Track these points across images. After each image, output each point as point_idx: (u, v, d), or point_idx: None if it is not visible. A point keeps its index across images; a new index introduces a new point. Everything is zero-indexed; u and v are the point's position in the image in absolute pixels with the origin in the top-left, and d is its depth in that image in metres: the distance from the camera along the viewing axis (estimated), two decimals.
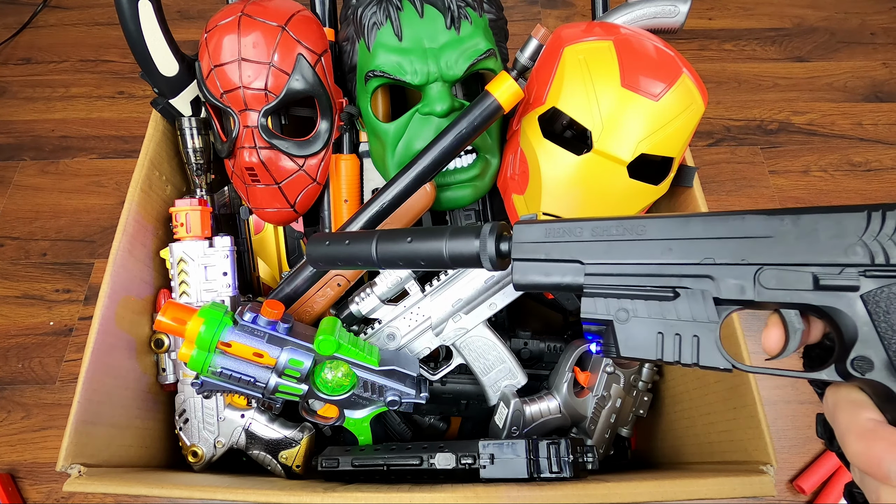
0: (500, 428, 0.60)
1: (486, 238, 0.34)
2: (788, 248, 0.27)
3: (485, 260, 0.34)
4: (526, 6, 1.38)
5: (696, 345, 0.28)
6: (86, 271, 1.04)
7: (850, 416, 0.25)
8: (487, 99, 0.55)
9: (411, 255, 0.37)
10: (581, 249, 0.31)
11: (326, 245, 0.41)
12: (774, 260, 0.27)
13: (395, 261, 0.38)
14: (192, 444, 0.62)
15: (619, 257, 0.30)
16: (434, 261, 0.36)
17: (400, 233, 0.37)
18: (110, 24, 1.36)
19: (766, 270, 0.27)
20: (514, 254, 0.33)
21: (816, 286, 0.26)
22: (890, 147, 1.15)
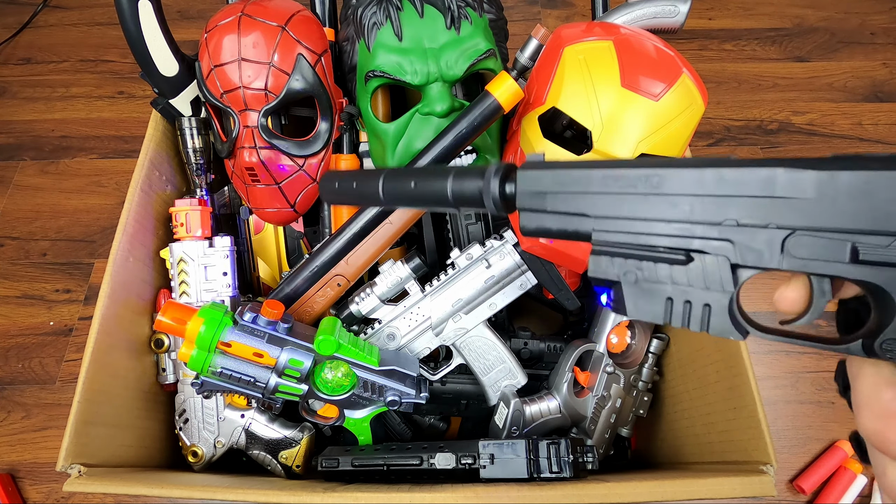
0: (500, 428, 0.60)
1: (490, 179, 0.31)
2: (827, 210, 0.23)
3: (488, 201, 0.31)
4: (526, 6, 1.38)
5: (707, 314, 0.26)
6: (86, 271, 1.04)
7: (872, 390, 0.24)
8: (487, 99, 0.55)
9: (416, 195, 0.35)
10: (589, 202, 0.28)
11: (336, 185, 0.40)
12: (808, 223, 0.23)
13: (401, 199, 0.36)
14: (192, 444, 0.62)
15: (630, 212, 0.27)
16: (439, 201, 0.34)
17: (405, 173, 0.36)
18: (110, 24, 1.36)
19: (797, 236, 0.23)
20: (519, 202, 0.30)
21: (854, 259, 0.23)
22: (890, 147, 1.15)
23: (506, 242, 0.61)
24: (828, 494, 0.78)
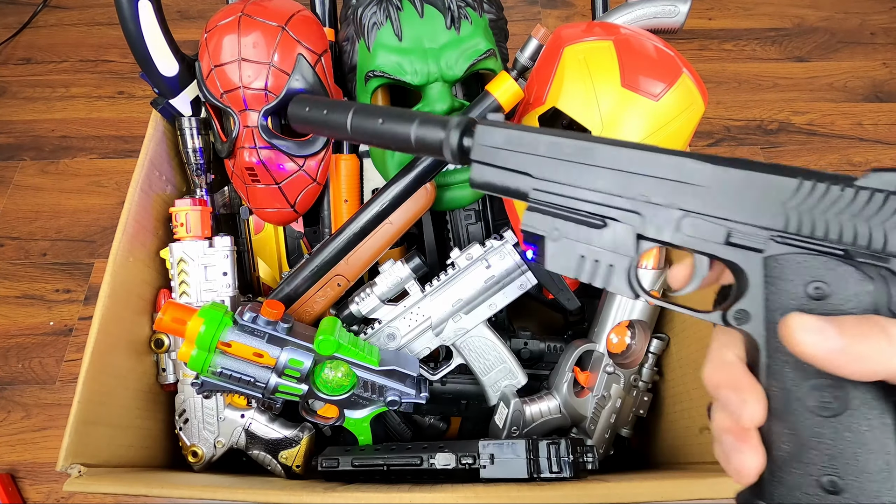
0: (500, 428, 0.60)
1: (451, 130, 0.35)
2: (715, 199, 0.28)
3: (446, 151, 0.35)
4: (526, 6, 1.38)
5: (610, 273, 0.30)
6: (86, 271, 1.04)
7: (718, 349, 0.29)
8: (487, 99, 0.55)
9: (380, 134, 0.38)
10: (533, 163, 0.32)
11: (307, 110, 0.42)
12: (699, 209, 0.28)
13: (366, 135, 0.39)
14: (192, 444, 0.62)
15: (564, 178, 0.31)
16: (401, 143, 0.37)
17: (375, 110, 0.39)
18: (110, 24, 1.36)
19: (689, 217, 0.28)
20: (473, 154, 0.34)
21: (727, 241, 0.27)
22: (890, 147, 1.15)
23: (506, 242, 0.61)
24: None
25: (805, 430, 0.25)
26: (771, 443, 0.26)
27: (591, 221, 0.31)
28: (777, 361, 0.26)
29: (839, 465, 0.24)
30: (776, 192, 0.26)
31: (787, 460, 0.25)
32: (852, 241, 0.25)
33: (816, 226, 0.26)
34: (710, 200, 0.28)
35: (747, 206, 0.27)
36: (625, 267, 0.30)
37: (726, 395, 0.27)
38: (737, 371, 0.27)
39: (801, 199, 0.26)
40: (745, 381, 0.27)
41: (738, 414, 0.26)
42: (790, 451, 0.25)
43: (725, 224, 0.27)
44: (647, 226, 0.29)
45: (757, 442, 0.26)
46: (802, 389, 0.25)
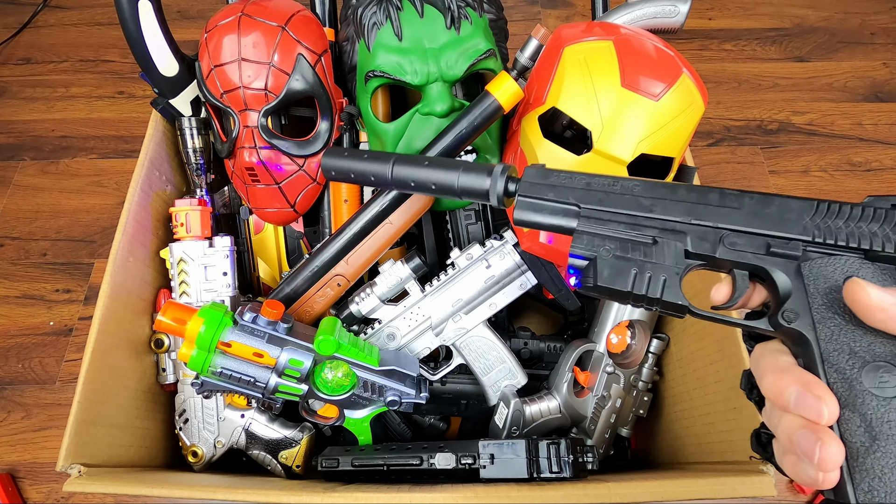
0: (500, 428, 0.60)
1: (497, 177, 0.39)
2: (751, 219, 0.33)
3: (493, 196, 0.39)
4: (526, 6, 1.38)
5: (662, 285, 0.33)
6: (86, 271, 1.04)
7: (772, 359, 0.30)
8: (487, 99, 0.55)
9: (425, 180, 0.41)
10: (579, 195, 0.36)
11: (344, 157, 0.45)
12: (739, 226, 0.33)
13: (408, 182, 0.42)
14: (192, 444, 0.62)
15: (612, 206, 0.35)
16: (445, 189, 0.41)
17: (419, 158, 0.42)
18: (110, 24, 1.36)
19: (731, 234, 0.33)
20: (521, 191, 0.37)
21: (767, 251, 0.32)
22: (890, 147, 1.15)
23: (506, 242, 0.61)
24: None
25: (872, 413, 0.27)
26: (845, 436, 0.27)
27: (641, 240, 0.34)
28: (831, 351, 0.29)
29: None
30: (800, 212, 0.32)
31: (864, 452, 0.26)
32: (868, 246, 0.30)
33: (837, 235, 0.31)
34: (747, 220, 0.33)
35: (779, 223, 0.32)
36: (676, 281, 0.33)
37: (797, 397, 0.27)
38: (799, 372, 0.28)
39: (820, 216, 0.31)
40: (811, 379, 0.28)
41: (817, 411, 0.26)
42: (864, 441, 0.27)
43: (765, 238, 0.32)
44: (693, 242, 0.33)
45: (833, 433, 0.27)
46: (861, 373, 0.27)
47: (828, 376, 0.28)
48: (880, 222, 0.30)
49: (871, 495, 0.26)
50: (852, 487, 0.26)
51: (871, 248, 0.30)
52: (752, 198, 0.33)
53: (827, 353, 0.29)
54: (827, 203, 0.31)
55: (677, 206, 0.34)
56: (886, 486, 0.26)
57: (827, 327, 0.29)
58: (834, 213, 0.31)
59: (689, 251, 0.33)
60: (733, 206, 0.33)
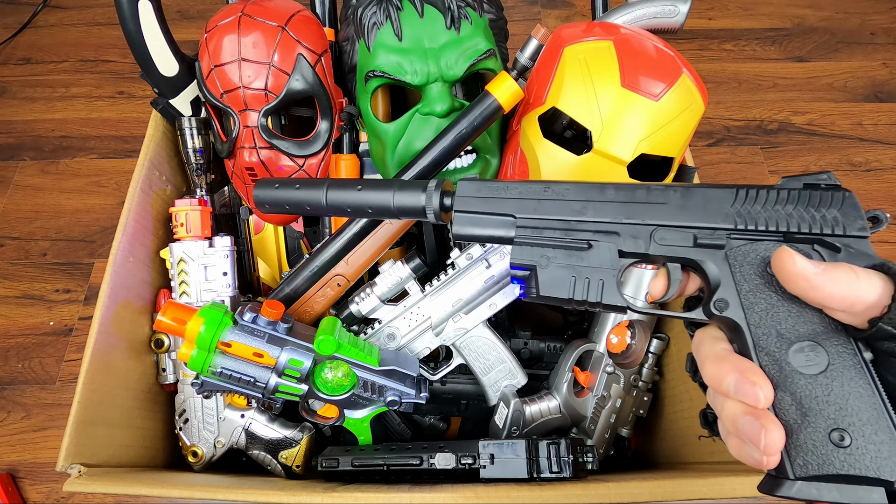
0: (500, 428, 0.60)
1: (431, 192, 0.38)
2: (677, 213, 0.34)
3: (429, 212, 0.38)
4: (526, 6, 1.38)
5: (601, 287, 0.34)
6: (86, 271, 1.04)
7: (710, 346, 0.32)
8: (487, 99, 0.55)
9: (360, 204, 0.41)
10: (514, 206, 0.36)
11: (275, 188, 0.43)
12: (666, 221, 0.34)
13: (344, 208, 0.41)
14: (192, 444, 0.62)
15: (546, 213, 0.35)
16: (382, 210, 0.40)
17: (351, 181, 0.41)
18: (110, 24, 1.36)
19: (659, 230, 0.34)
20: (455, 206, 0.37)
21: (695, 244, 0.33)
22: (890, 147, 1.15)
23: None
24: None
25: (801, 392, 0.28)
26: (779, 415, 0.29)
27: (576, 245, 0.35)
28: (761, 336, 0.30)
29: (839, 417, 0.28)
30: (722, 201, 0.33)
31: (797, 427, 0.28)
32: (787, 228, 0.31)
33: (758, 221, 0.32)
34: (674, 214, 0.34)
35: (704, 214, 0.33)
36: (613, 282, 0.34)
37: (735, 384, 0.29)
38: (735, 358, 0.30)
39: (740, 203, 0.33)
40: (745, 365, 0.29)
41: (754, 396, 0.28)
42: (796, 417, 0.28)
43: (691, 230, 0.33)
44: (625, 242, 0.34)
45: (772, 415, 0.28)
46: (788, 354, 0.29)
47: (760, 360, 0.30)
48: (794, 203, 0.32)
49: (806, 469, 0.27)
50: (790, 464, 0.28)
51: (787, 230, 0.31)
52: (676, 191, 0.34)
53: (757, 338, 0.30)
54: (745, 189, 0.33)
55: (607, 206, 0.35)
56: (818, 459, 0.27)
57: (755, 312, 0.31)
58: (752, 198, 0.32)
59: (622, 251, 0.34)
60: (660, 201, 0.34)
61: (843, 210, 0.31)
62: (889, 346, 0.27)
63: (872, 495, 0.27)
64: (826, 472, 0.27)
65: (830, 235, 0.31)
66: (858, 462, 0.27)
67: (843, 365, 0.28)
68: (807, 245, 0.31)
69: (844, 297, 0.27)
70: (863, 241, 0.30)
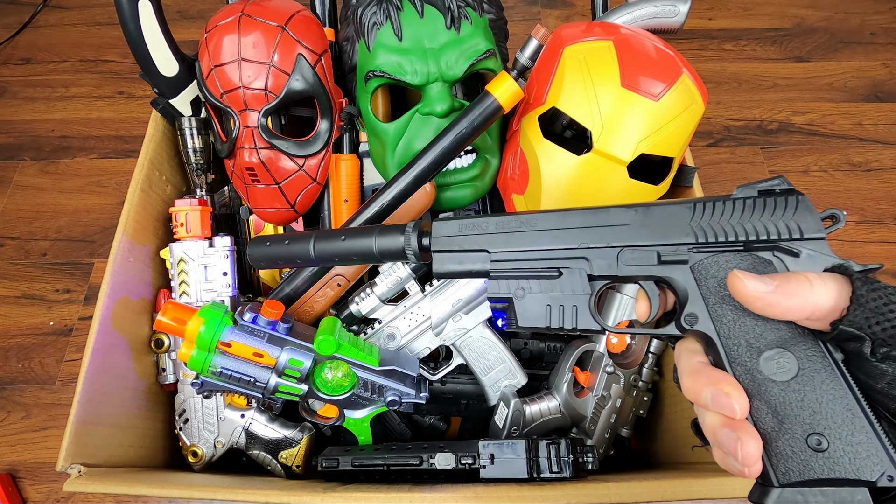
0: (500, 428, 0.60)
1: (409, 234, 0.40)
2: (640, 232, 0.34)
3: (409, 253, 0.40)
4: (526, 6, 1.38)
5: (575, 313, 0.35)
6: (86, 271, 1.04)
7: (686, 360, 0.32)
8: (487, 99, 0.55)
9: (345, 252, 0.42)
10: (487, 241, 0.37)
11: (267, 245, 0.45)
12: (630, 242, 0.34)
13: (332, 258, 0.43)
14: (192, 444, 0.62)
15: (517, 245, 0.36)
16: (366, 256, 0.42)
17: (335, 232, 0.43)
18: (110, 24, 1.36)
19: (625, 251, 0.34)
20: (433, 246, 0.39)
21: (659, 261, 0.34)
22: (890, 147, 1.15)
23: None
24: None
25: (776, 400, 0.29)
26: (757, 424, 0.29)
27: (548, 274, 0.36)
28: (732, 347, 0.31)
29: (814, 422, 0.28)
30: (682, 217, 0.33)
31: (775, 435, 0.28)
32: (745, 238, 0.32)
33: (717, 233, 0.32)
34: (636, 234, 0.34)
35: (665, 231, 0.34)
36: (586, 307, 0.35)
37: (712, 396, 0.29)
38: (709, 371, 0.31)
39: (699, 217, 0.33)
40: (719, 376, 0.30)
41: (729, 407, 0.28)
42: (773, 425, 0.29)
43: (654, 248, 0.34)
44: (594, 265, 0.35)
45: (749, 426, 0.29)
46: (759, 363, 0.30)
47: (734, 370, 0.30)
48: (752, 212, 0.32)
49: (789, 476, 0.28)
50: (773, 471, 0.28)
51: (747, 240, 0.32)
52: (636, 211, 0.34)
53: (729, 350, 0.30)
54: (703, 203, 0.33)
55: (574, 233, 0.35)
56: (799, 465, 0.28)
57: (724, 325, 0.31)
58: (710, 211, 0.33)
59: (592, 275, 0.35)
60: (623, 222, 0.35)
61: (799, 214, 0.31)
62: (854, 346, 0.27)
63: (856, 496, 0.27)
64: (808, 477, 0.27)
65: (788, 240, 0.31)
66: (838, 465, 0.27)
67: (814, 368, 0.28)
68: (768, 252, 0.31)
69: (802, 309, 0.28)
70: (821, 242, 0.31)
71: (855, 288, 0.27)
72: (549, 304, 0.35)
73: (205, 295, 0.62)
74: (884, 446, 0.27)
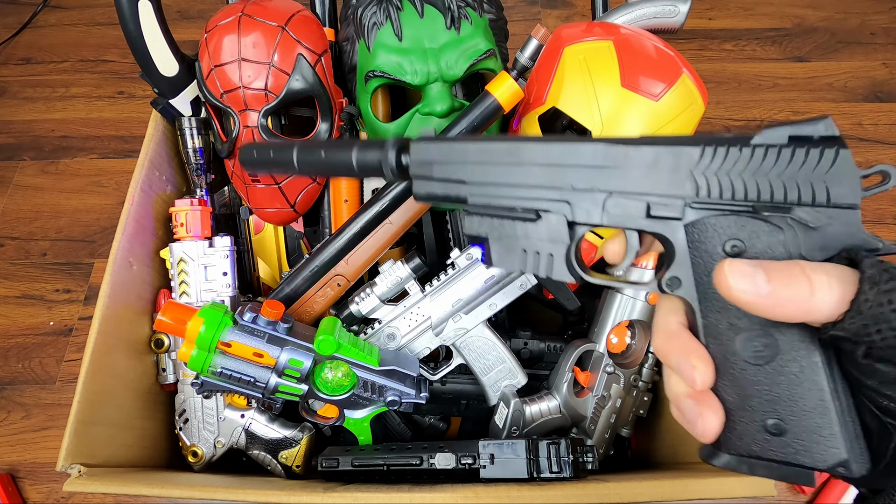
0: (500, 428, 0.60)
1: (388, 151, 0.36)
2: (632, 177, 0.29)
3: (386, 170, 0.37)
4: (526, 6, 1.38)
5: (551, 262, 0.32)
6: (86, 271, 1.04)
7: (663, 318, 0.30)
8: (487, 99, 0.55)
9: (325, 164, 0.40)
10: (466, 170, 0.33)
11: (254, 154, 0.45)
12: (619, 188, 0.29)
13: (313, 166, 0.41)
14: (192, 444, 0.62)
15: (495, 180, 0.33)
16: (345, 168, 0.39)
17: (316, 145, 0.41)
18: (110, 24, 1.36)
19: (612, 197, 0.30)
20: (412, 169, 0.36)
21: (648, 214, 0.29)
22: (890, 147, 1.15)
23: None
24: (827, 494, 0.78)
25: (745, 380, 0.27)
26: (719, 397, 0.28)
27: (526, 217, 0.32)
28: (711, 320, 0.28)
29: (779, 407, 0.26)
30: (684, 162, 0.28)
31: (735, 410, 0.27)
32: (756, 197, 0.27)
33: (723, 188, 0.27)
34: (627, 179, 0.29)
35: (661, 179, 0.28)
36: (562, 254, 0.31)
37: (677, 362, 0.28)
38: (683, 337, 0.29)
39: (705, 164, 0.27)
40: (691, 346, 0.28)
41: (692, 378, 0.27)
42: (736, 402, 0.27)
43: (645, 198, 0.29)
44: (577, 211, 0.31)
45: (714, 400, 0.28)
46: (736, 343, 0.27)
47: (708, 342, 0.28)
48: (773, 163, 0.26)
49: (738, 450, 0.28)
50: (725, 442, 0.28)
51: (758, 199, 0.27)
52: (632, 149, 0.29)
53: (708, 325, 0.28)
54: (714, 145, 0.27)
55: (557, 171, 0.31)
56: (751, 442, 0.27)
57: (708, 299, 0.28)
58: (721, 157, 0.27)
59: (573, 221, 0.31)
60: (612, 162, 0.30)
61: (832, 173, 0.25)
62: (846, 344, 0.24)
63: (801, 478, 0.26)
64: (759, 455, 0.27)
65: (811, 205, 0.26)
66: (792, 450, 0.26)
67: (794, 357, 0.26)
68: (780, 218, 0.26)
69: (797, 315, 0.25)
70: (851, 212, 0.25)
71: (860, 291, 0.23)
72: (524, 249, 0.32)
73: (205, 295, 0.62)
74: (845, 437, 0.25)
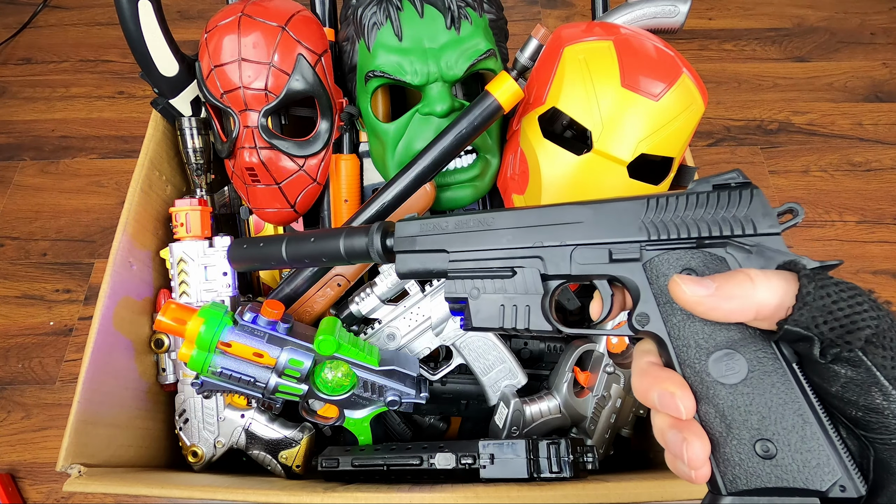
0: (500, 428, 0.60)
1: (373, 235, 0.40)
2: (592, 230, 0.34)
3: (373, 254, 0.41)
4: (526, 6, 1.38)
5: (528, 313, 0.35)
6: (86, 271, 1.04)
7: (638, 360, 0.32)
8: (487, 99, 0.55)
9: (315, 254, 0.43)
10: (446, 240, 0.37)
11: (244, 248, 0.47)
12: (582, 240, 0.34)
13: (302, 259, 0.44)
14: (192, 444, 0.62)
15: (473, 245, 0.37)
16: (334, 257, 0.43)
17: (304, 235, 0.44)
18: (110, 24, 1.36)
19: (578, 249, 0.34)
20: (396, 247, 0.39)
21: (611, 259, 0.33)
22: (890, 147, 1.15)
23: None
24: None
25: (724, 403, 0.28)
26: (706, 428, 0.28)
27: (502, 273, 0.36)
28: (681, 348, 0.30)
29: (762, 427, 0.27)
30: (634, 213, 0.33)
31: (722, 439, 0.28)
32: (698, 234, 0.31)
33: (670, 230, 0.32)
34: (589, 232, 0.34)
35: (617, 229, 0.33)
36: (538, 305, 0.35)
37: (658, 396, 0.29)
38: (657, 371, 0.30)
39: (651, 214, 0.32)
40: (663, 375, 0.29)
41: (674, 407, 0.28)
42: (721, 429, 0.28)
43: (606, 246, 0.33)
44: (548, 265, 0.35)
45: (697, 426, 0.28)
46: (707, 365, 0.29)
47: (683, 372, 0.29)
48: (704, 207, 0.31)
49: (736, 484, 0.27)
50: (720, 478, 0.27)
51: (699, 236, 0.31)
52: (590, 208, 0.34)
53: (679, 350, 0.30)
54: (656, 198, 0.32)
55: (528, 231, 0.35)
56: (746, 472, 0.27)
57: (673, 325, 0.30)
58: (663, 207, 0.32)
59: (546, 274, 0.34)
60: (577, 220, 0.34)
61: (752, 208, 0.30)
62: (804, 347, 0.25)
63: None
64: (756, 485, 0.26)
65: (741, 236, 0.30)
66: (787, 474, 0.26)
67: (764, 371, 0.27)
68: (720, 248, 0.30)
69: (745, 310, 0.26)
70: (775, 238, 0.29)
71: (801, 285, 0.25)
72: (502, 305, 0.35)
73: (205, 295, 0.62)
74: (837, 454, 0.25)
